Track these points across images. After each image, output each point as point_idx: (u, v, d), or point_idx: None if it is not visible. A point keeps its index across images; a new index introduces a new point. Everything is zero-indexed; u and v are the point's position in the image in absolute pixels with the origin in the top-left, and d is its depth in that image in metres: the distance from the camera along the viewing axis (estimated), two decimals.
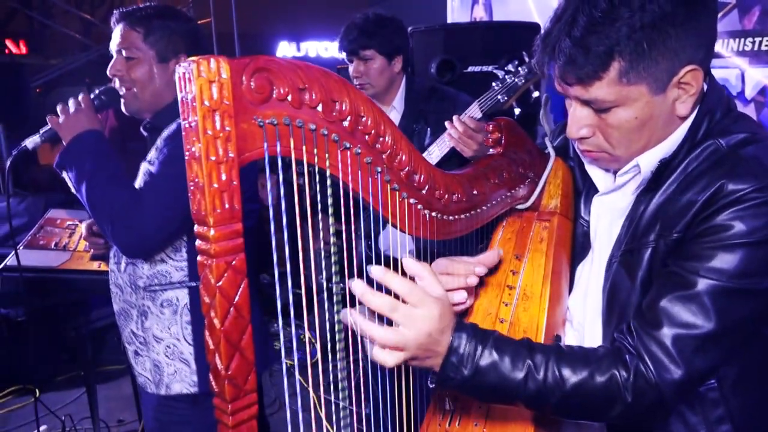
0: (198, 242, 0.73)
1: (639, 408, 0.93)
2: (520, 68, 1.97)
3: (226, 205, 0.71)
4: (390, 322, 0.89)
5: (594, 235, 1.17)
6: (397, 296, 0.88)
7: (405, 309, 0.88)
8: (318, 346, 0.98)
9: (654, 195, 1.04)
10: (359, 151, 0.85)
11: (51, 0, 9.58)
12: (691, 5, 0.96)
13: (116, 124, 5.17)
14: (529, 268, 1.16)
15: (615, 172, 1.14)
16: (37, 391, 3.12)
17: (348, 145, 0.84)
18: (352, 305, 0.88)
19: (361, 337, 0.90)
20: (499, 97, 1.99)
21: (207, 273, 0.72)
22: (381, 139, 0.88)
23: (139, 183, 1.76)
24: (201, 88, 0.68)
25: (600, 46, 0.94)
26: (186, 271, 1.74)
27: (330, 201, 0.83)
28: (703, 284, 0.93)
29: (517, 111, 2.03)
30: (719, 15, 2.58)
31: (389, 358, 0.88)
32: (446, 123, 2.10)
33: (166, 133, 1.76)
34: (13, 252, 2.34)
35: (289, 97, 0.76)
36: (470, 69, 3.00)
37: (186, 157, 0.71)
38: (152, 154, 1.76)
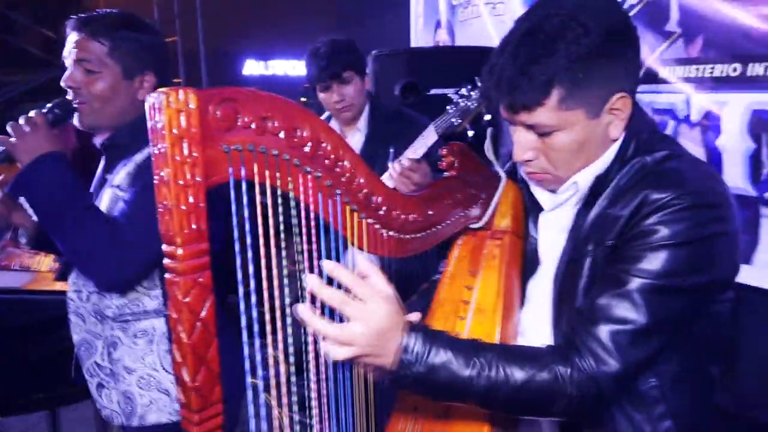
0: (166, 260, 0.77)
1: (581, 401, 1.00)
2: (472, 92, 2.05)
3: (193, 226, 0.76)
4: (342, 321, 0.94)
5: (542, 251, 1.25)
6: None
7: (355, 303, 0.93)
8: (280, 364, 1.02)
9: (591, 209, 1.13)
10: (319, 174, 0.91)
11: (12, 16, 9.48)
12: (619, 39, 1.07)
13: (77, 144, 5.09)
14: (483, 284, 1.22)
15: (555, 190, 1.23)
16: None
17: (309, 169, 0.90)
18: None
19: (314, 335, 0.94)
20: (453, 120, 2.07)
21: (175, 289, 0.77)
22: (340, 163, 0.94)
23: (107, 210, 1.63)
24: (170, 118, 0.73)
25: (542, 75, 1.03)
26: (161, 299, 1.65)
27: (294, 222, 0.88)
28: (634, 283, 1.01)
29: (470, 133, 2.10)
30: (667, 43, 2.71)
31: (339, 352, 0.93)
32: (389, 164, 2.16)
33: (140, 157, 1.63)
34: None
35: (253, 125, 0.82)
36: (433, 91, 3.08)
37: (155, 181, 0.76)
38: (121, 179, 1.63)
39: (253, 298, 0.83)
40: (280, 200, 0.86)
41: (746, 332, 2.53)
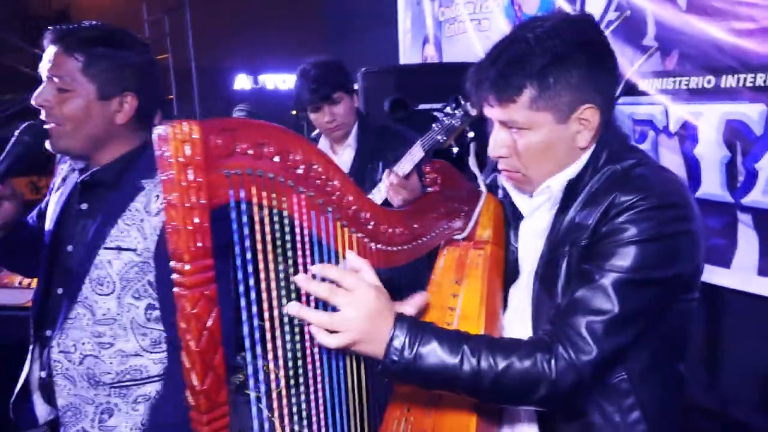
0: (174, 276, 0.86)
1: (562, 388, 1.08)
2: (456, 110, 2.13)
3: (199, 244, 0.84)
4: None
5: (522, 257, 1.34)
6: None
7: (342, 293, 1.01)
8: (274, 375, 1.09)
9: (566, 213, 1.23)
10: (312, 194, 0.99)
11: (2, 35, 9.53)
12: (591, 55, 1.19)
13: None
14: (467, 291, 1.31)
15: (532, 195, 1.32)
16: None
17: (302, 189, 0.98)
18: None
19: (308, 327, 1.01)
20: (438, 137, 2.15)
21: (183, 302, 0.85)
22: (330, 183, 1.02)
23: (121, 275, 1.48)
24: (176, 147, 0.82)
25: (516, 75, 1.16)
26: (166, 363, 1.55)
27: (288, 237, 0.97)
28: (607, 278, 1.11)
29: (455, 150, 2.18)
30: (645, 57, 2.82)
31: (332, 340, 1.00)
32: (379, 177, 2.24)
33: (155, 209, 1.49)
34: None
35: (250, 151, 0.90)
36: (421, 106, 3.18)
37: (164, 205, 0.84)
38: (136, 241, 1.48)
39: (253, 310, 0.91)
40: (276, 218, 0.94)
41: (726, 334, 2.62)
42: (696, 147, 2.70)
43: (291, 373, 1.03)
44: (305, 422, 1.09)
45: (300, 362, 1.04)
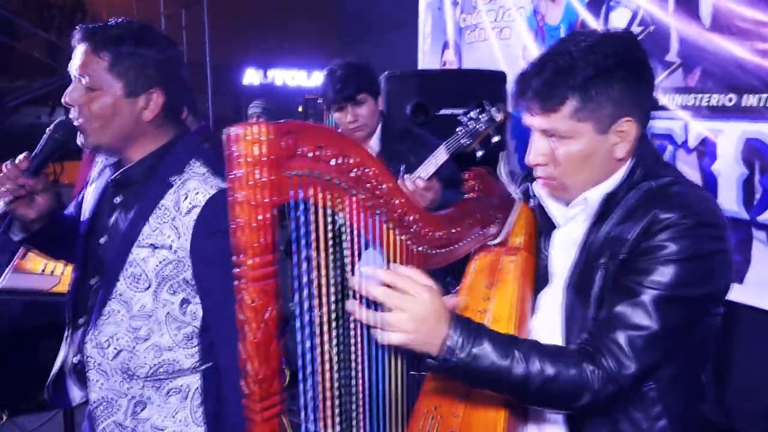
0: (236, 270, 0.90)
1: (602, 397, 1.13)
2: (481, 115, 2.17)
3: (262, 240, 0.89)
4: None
5: (553, 265, 1.38)
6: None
7: (396, 294, 1.06)
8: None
9: (602, 225, 1.27)
10: (363, 196, 1.04)
11: (17, 22, 9.60)
12: (632, 70, 1.23)
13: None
14: (498, 295, 1.35)
15: (567, 204, 1.36)
16: (6, 413, 3.12)
17: (355, 192, 1.02)
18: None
19: (367, 327, 1.06)
20: (463, 140, 2.18)
21: (244, 295, 0.89)
22: (380, 186, 1.07)
23: (156, 272, 1.51)
24: (247, 148, 0.86)
25: (561, 86, 1.21)
26: (197, 357, 1.58)
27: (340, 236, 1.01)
28: (647, 294, 1.15)
29: (479, 153, 2.22)
30: (667, 72, 2.86)
31: (391, 337, 1.06)
32: (398, 182, 2.28)
33: (185, 208, 1.50)
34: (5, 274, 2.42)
35: (310, 154, 0.95)
36: (442, 112, 3.22)
37: (229, 200, 0.88)
38: (170, 238, 1.51)
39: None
40: (330, 219, 0.99)
41: (738, 348, 2.66)
42: (714, 163, 2.74)
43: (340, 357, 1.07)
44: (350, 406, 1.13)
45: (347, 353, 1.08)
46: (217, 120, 8.59)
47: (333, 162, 0.98)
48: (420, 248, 1.17)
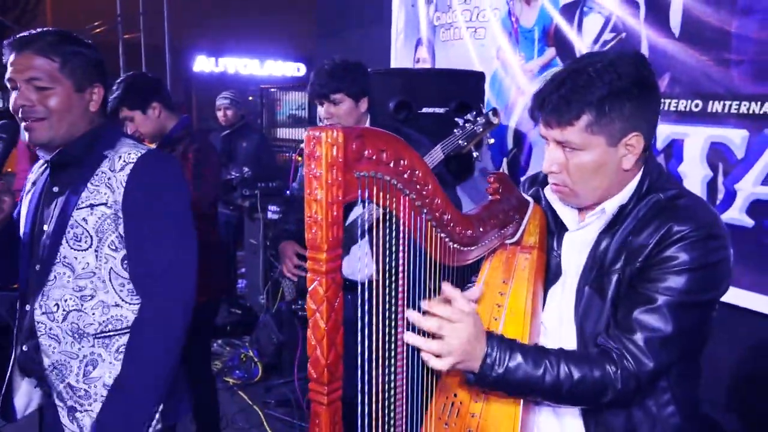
0: (309, 263, 0.97)
1: (624, 393, 1.27)
2: (478, 118, 2.28)
3: (334, 234, 0.96)
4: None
5: (564, 264, 1.49)
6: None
7: (449, 325, 1.17)
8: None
9: (613, 233, 1.39)
10: (414, 196, 1.12)
11: None
12: (643, 89, 1.34)
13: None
14: (514, 290, 1.45)
15: (579, 210, 1.48)
16: None
17: (407, 192, 1.10)
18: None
19: (418, 352, 1.18)
20: (459, 141, 2.29)
21: (317, 286, 0.97)
22: (426, 187, 1.15)
23: (97, 230, 1.65)
24: (327, 150, 0.93)
25: (578, 102, 1.31)
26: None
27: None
28: (662, 299, 1.28)
29: (475, 154, 2.33)
30: None
31: (441, 363, 1.17)
32: None
33: (119, 166, 1.66)
34: None
35: (374, 157, 1.02)
36: (424, 110, 3.31)
37: (306, 197, 0.95)
38: (105, 196, 1.65)
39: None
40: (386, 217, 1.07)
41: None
42: (680, 165, 2.91)
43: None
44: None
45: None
46: None
47: (391, 164, 1.06)
48: (455, 245, 1.26)
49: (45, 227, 1.72)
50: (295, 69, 17.30)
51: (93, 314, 1.66)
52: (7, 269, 1.85)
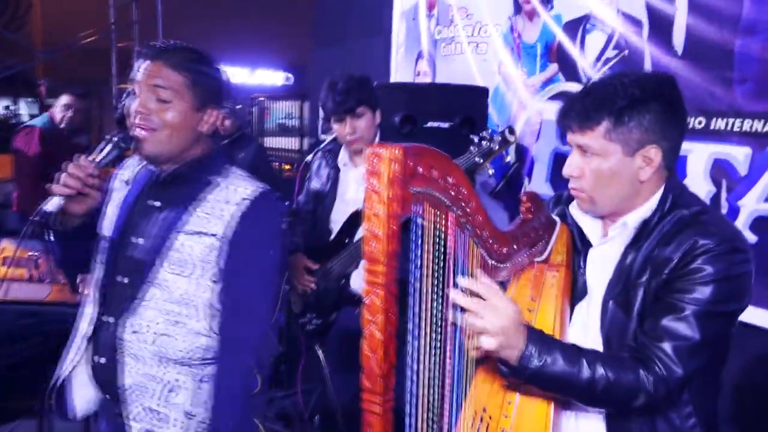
0: (367, 275, 1.00)
1: (655, 398, 1.30)
2: (495, 136, 2.32)
3: (392, 247, 0.99)
4: None
5: (590, 280, 1.53)
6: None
7: (488, 304, 1.20)
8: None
9: (639, 248, 1.43)
10: (459, 213, 1.15)
11: None
12: (664, 105, 1.40)
13: (39, 150, 4.95)
14: (542, 307, 1.48)
15: (603, 224, 1.53)
16: None
17: (454, 209, 1.14)
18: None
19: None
20: (476, 158, 2.33)
21: (374, 298, 0.99)
22: (469, 204, 1.19)
23: (201, 258, 1.62)
24: (388, 166, 0.96)
25: (599, 110, 1.38)
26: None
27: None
28: (689, 309, 1.33)
29: (490, 171, 2.38)
30: None
31: (489, 342, 1.20)
32: None
33: (235, 200, 1.64)
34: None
35: (426, 173, 1.06)
36: (429, 124, 3.33)
37: (366, 212, 0.98)
38: (217, 227, 1.63)
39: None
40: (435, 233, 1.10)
41: None
42: (684, 180, 2.96)
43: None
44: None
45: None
46: None
47: (441, 181, 1.09)
48: (492, 262, 1.30)
49: (136, 240, 1.71)
50: (285, 78, 17.36)
51: (182, 341, 1.64)
52: (81, 266, 1.83)
